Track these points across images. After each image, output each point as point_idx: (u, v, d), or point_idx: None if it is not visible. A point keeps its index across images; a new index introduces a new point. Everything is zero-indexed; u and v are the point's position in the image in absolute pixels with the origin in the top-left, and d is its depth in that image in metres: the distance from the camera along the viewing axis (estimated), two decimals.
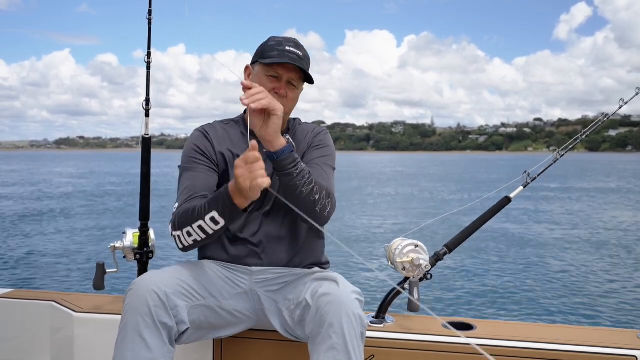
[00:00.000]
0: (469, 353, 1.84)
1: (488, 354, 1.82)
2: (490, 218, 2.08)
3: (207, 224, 1.60)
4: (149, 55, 2.21)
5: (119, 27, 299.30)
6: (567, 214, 16.75)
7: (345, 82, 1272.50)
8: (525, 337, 1.86)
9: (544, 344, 1.83)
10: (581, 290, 7.39)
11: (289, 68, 1.77)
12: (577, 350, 1.81)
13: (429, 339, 1.87)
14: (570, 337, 1.89)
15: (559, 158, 2.10)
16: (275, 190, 1.63)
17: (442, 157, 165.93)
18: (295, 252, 1.85)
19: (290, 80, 1.79)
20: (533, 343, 1.83)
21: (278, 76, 1.78)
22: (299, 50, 1.79)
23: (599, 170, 55.21)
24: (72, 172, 45.43)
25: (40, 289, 6.66)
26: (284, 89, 1.78)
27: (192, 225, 1.63)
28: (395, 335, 1.90)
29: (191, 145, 1.85)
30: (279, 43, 1.79)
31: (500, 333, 1.90)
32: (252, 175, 1.42)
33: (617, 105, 2.16)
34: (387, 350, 1.87)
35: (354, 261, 8.08)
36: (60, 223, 14.14)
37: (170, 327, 1.57)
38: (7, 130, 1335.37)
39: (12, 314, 2.16)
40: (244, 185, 1.44)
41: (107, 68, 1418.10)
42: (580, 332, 1.97)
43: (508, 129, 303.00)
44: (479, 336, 1.88)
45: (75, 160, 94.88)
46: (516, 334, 1.89)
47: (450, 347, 1.85)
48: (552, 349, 1.81)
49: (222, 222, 1.59)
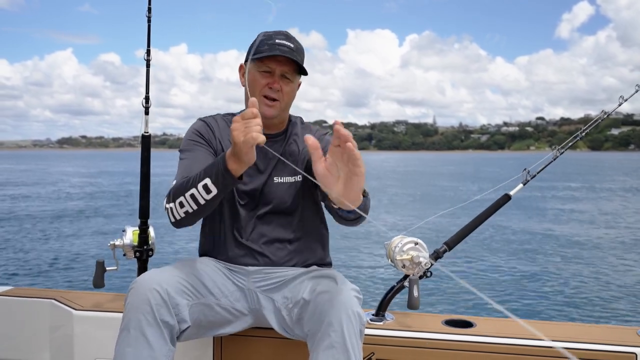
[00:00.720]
0: (468, 350, 1.83)
1: (488, 351, 1.82)
2: (490, 215, 2.08)
3: (200, 193, 1.56)
4: (148, 52, 2.20)
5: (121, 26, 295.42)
6: (569, 212, 16.73)
7: (348, 81, 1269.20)
8: (525, 335, 1.86)
9: (544, 341, 1.82)
10: (580, 287, 7.39)
11: (280, 61, 1.74)
12: (577, 347, 1.80)
13: (428, 337, 1.87)
14: (570, 334, 1.89)
15: (559, 156, 2.10)
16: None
17: (446, 156, 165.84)
18: (293, 254, 1.84)
19: (283, 74, 1.76)
20: (533, 340, 1.82)
21: (270, 70, 1.75)
22: (290, 42, 1.76)
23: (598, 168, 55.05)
24: (85, 172, 45.32)
25: (39, 286, 6.68)
26: (278, 82, 1.76)
27: (185, 194, 1.59)
28: (395, 332, 1.90)
29: (193, 130, 1.84)
30: (269, 37, 1.76)
31: (500, 331, 1.90)
32: (246, 130, 1.39)
33: (615, 104, 2.16)
34: (387, 347, 1.87)
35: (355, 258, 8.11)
36: (93, 222, 14.15)
37: (171, 325, 1.56)
38: (10, 130, 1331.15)
39: (12, 311, 2.16)
40: (238, 139, 1.40)
41: (109, 67, 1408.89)
42: (580, 329, 1.97)
43: (510, 128, 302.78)
44: (479, 334, 1.88)
45: (81, 159, 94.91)
46: (516, 332, 1.88)
47: (450, 345, 1.85)
48: (552, 346, 1.81)
49: (215, 191, 1.55)
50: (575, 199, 21.43)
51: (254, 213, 1.82)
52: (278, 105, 1.79)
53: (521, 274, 8.22)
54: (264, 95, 1.77)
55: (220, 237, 1.85)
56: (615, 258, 9.66)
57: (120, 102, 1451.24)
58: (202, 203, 1.57)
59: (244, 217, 1.82)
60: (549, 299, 6.83)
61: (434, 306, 6.22)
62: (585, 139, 2.18)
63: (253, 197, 1.82)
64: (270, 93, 1.77)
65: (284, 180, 1.84)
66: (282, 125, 1.89)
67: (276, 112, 1.79)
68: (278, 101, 1.78)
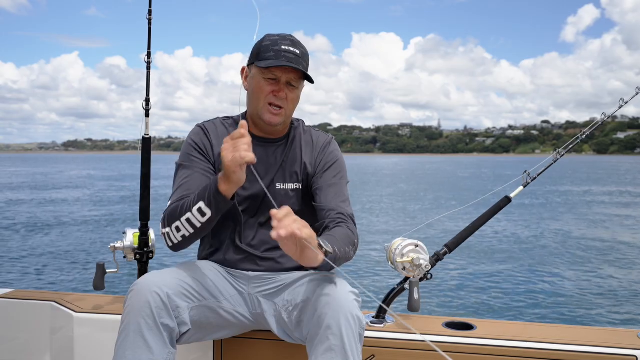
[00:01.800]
0: (469, 353, 1.83)
1: (488, 354, 1.82)
2: (490, 218, 2.07)
3: (195, 216, 1.59)
4: (149, 55, 2.20)
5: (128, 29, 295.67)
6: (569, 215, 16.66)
7: (352, 84, 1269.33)
8: (525, 337, 1.85)
9: (544, 343, 1.82)
10: (581, 290, 7.37)
11: (286, 69, 1.72)
12: (577, 350, 1.80)
13: (429, 339, 1.87)
14: (571, 337, 1.88)
15: (559, 158, 2.10)
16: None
17: (451, 159, 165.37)
18: (293, 260, 1.84)
19: (289, 81, 1.75)
20: (533, 343, 1.82)
21: (276, 78, 1.73)
22: (296, 49, 1.73)
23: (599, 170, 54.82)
24: (109, 175, 45.12)
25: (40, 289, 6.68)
26: (284, 91, 1.74)
27: (181, 219, 1.62)
28: (396, 335, 1.89)
29: (190, 142, 1.84)
30: (275, 42, 1.73)
31: (501, 333, 1.89)
32: (234, 149, 1.42)
33: (625, 106, 2.15)
34: (388, 350, 1.87)
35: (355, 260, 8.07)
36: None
37: (171, 328, 1.56)
38: (16, 133, 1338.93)
39: (12, 314, 2.16)
40: (226, 159, 1.44)
41: (115, 70, 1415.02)
42: (581, 332, 1.96)
43: (515, 132, 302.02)
44: (479, 336, 1.87)
45: (91, 162, 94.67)
46: (516, 334, 1.88)
47: (450, 347, 1.84)
48: (553, 348, 1.80)
49: (209, 213, 1.58)
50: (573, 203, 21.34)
51: (256, 219, 1.82)
52: (283, 112, 1.78)
53: (521, 276, 8.21)
54: (269, 103, 1.76)
55: (221, 242, 1.84)
56: (616, 259, 9.63)
57: (125, 105, 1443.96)
58: (199, 226, 1.61)
59: (245, 223, 1.81)
60: (550, 301, 6.81)
61: (434, 309, 6.22)
62: (590, 142, 2.17)
63: (254, 203, 1.81)
64: (276, 101, 1.75)
65: (286, 186, 1.84)
66: (285, 130, 1.88)
67: (281, 119, 1.78)
68: (283, 109, 1.77)
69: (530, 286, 7.53)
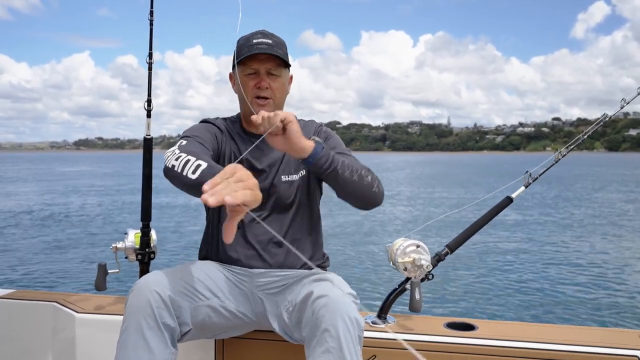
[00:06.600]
0: (470, 353, 1.82)
1: (490, 354, 1.81)
2: (491, 218, 2.06)
3: (194, 179, 1.47)
4: (150, 56, 2.19)
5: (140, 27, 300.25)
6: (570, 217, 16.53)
7: (362, 82, 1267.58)
8: (527, 338, 1.84)
9: (546, 344, 1.81)
10: (583, 290, 7.33)
11: (262, 59, 1.77)
12: (579, 350, 1.78)
13: (430, 339, 1.86)
14: (572, 337, 1.87)
15: (561, 158, 2.08)
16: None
17: (462, 157, 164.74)
18: (296, 253, 1.83)
19: (268, 71, 1.79)
20: (535, 343, 1.81)
21: (255, 71, 1.78)
22: (267, 39, 1.78)
23: None
24: (135, 173, 45.14)
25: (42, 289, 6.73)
26: (265, 80, 1.78)
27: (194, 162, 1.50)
28: (397, 335, 1.89)
29: (200, 124, 1.87)
30: (247, 40, 1.80)
31: (502, 333, 1.88)
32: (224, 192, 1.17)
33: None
34: (389, 350, 1.86)
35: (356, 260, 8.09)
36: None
37: (172, 328, 1.56)
38: (28, 132, 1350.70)
39: (14, 314, 2.17)
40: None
41: (127, 69, 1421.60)
42: (582, 332, 1.95)
43: (526, 129, 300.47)
44: (481, 336, 1.87)
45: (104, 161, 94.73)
46: (518, 334, 1.87)
47: (451, 348, 1.83)
48: (554, 349, 1.79)
49: (196, 176, 1.47)
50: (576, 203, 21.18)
51: (260, 215, 1.81)
52: (271, 102, 1.81)
53: (523, 275, 8.19)
54: (256, 97, 1.79)
55: (223, 239, 1.84)
56: (616, 259, 9.57)
57: (137, 104, 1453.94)
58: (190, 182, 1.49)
59: (248, 217, 1.80)
60: (552, 301, 6.78)
61: (435, 309, 6.21)
62: (602, 139, 2.16)
63: None
64: (260, 92, 1.79)
65: (291, 177, 1.85)
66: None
67: (271, 110, 1.77)
68: (270, 99, 1.80)
69: (532, 286, 7.50)
